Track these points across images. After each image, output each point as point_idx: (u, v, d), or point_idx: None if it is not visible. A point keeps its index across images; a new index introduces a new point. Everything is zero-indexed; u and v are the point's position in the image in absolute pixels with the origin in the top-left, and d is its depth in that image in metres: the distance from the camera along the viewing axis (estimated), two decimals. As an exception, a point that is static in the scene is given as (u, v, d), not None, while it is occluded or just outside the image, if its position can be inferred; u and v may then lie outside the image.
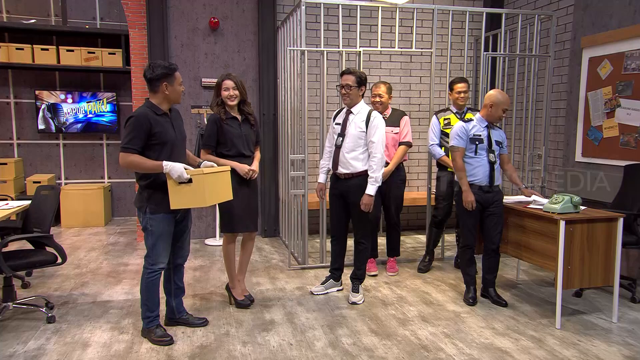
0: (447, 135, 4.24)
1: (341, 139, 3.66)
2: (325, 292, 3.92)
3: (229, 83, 3.41)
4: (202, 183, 2.87)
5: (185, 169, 2.85)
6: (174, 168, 2.82)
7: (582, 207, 3.42)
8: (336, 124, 3.73)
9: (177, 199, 2.88)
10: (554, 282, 3.34)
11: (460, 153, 3.63)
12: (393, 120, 4.34)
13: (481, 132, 3.61)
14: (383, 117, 4.34)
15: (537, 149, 5.21)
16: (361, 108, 3.64)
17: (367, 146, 3.58)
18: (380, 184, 3.55)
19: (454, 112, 4.38)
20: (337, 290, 3.96)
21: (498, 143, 3.65)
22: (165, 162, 2.83)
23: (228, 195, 3.15)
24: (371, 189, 3.52)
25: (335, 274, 3.95)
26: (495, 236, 3.66)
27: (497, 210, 3.63)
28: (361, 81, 3.60)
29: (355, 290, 3.77)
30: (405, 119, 4.41)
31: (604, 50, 4.62)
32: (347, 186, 3.63)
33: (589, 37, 4.78)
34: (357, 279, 3.79)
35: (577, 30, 4.97)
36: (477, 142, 3.60)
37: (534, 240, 3.50)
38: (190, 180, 2.85)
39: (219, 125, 3.42)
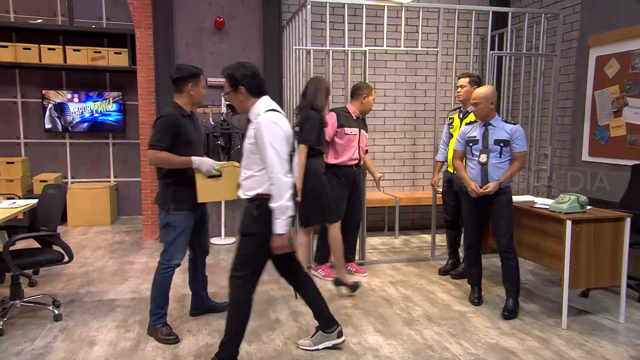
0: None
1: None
2: None
3: None
4: (232, 174, 3.02)
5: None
6: (204, 162, 2.96)
7: (589, 207, 3.40)
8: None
9: (206, 193, 3.00)
10: (560, 282, 3.32)
11: (455, 155, 3.70)
12: (366, 125, 4.33)
13: (476, 133, 3.56)
14: (359, 119, 4.21)
15: (544, 148, 5.18)
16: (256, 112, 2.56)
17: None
18: (289, 215, 2.45)
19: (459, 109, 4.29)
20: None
21: (499, 142, 3.45)
22: (194, 157, 2.96)
23: None
24: (279, 226, 2.44)
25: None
26: (502, 240, 3.46)
27: (500, 211, 3.46)
28: (237, 82, 2.53)
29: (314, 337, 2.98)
30: None
31: (612, 49, 4.59)
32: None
33: (596, 36, 4.75)
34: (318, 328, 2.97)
35: (584, 29, 4.94)
36: (470, 144, 3.57)
37: (540, 240, 3.48)
38: (219, 174, 3.00)
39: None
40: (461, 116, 4.19)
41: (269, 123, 2.46)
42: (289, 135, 2.53)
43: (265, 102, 2.58)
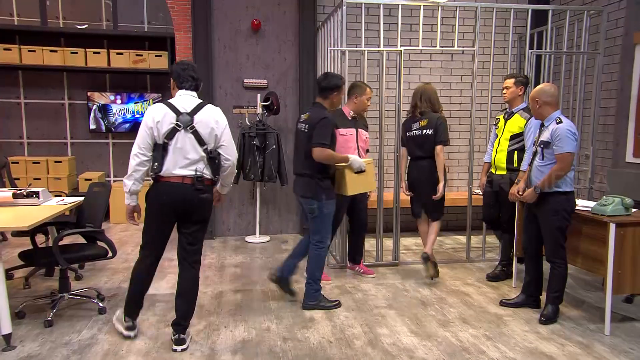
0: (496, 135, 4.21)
1: None
2: None
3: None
4: (371, 170, 3.58)
5: None
6: (356, 159, 3.45)
7: (634, 210, 3.29)
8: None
9: (354, 186, 3.48)
10: (603, 286, 3.23)
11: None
12: (365, 124, 4.27)
13: (537, 134, 3.46)
14: (355, 118, 4.13)
15: (585, 149, 5.03)
16: None
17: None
18: (127, 191, 2.86)
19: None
20: None
21: (541, 143, 3.33)
22: (349, 155, 3.47)
23: None
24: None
25: None
26: (546, 248, 3.38)
27: (543, 221, 3.35)
28: (171, 74, 2.97)
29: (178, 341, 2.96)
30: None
31: (659, 46, 4.41)
32: None
33: (643, 33, 4.57)
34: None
35: (629, 26, 4.76)
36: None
37: (581, 243, 3.39)
38: (364, 170, 3.49)
39: None
40: (506, 117, 4.13)
41: (146, 111, 2.84)
42: (156, 124, 2.75)
43: (176, 95, 2.89)
